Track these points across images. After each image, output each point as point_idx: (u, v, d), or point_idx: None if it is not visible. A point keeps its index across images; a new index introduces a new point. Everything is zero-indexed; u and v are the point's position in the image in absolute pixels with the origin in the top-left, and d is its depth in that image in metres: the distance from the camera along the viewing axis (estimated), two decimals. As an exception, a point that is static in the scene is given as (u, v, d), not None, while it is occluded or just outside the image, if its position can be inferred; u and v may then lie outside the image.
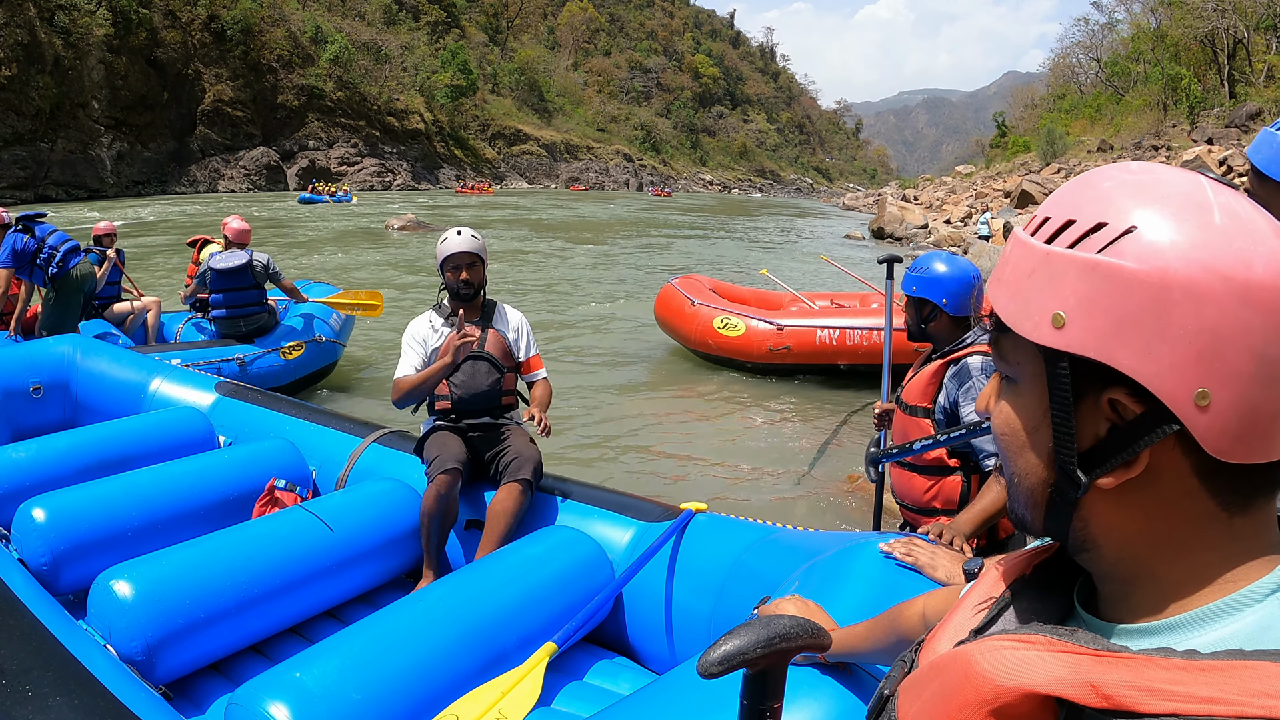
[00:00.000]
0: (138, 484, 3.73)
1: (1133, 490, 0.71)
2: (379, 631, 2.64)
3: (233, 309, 8.04)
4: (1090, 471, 0.71)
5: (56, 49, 50.70)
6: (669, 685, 2.06)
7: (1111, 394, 0.69)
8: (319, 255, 22.79)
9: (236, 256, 8.00)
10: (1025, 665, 0.66)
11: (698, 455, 7.66)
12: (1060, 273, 0.70)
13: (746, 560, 2.97)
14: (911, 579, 2.16)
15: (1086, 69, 77.44)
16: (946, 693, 0.72)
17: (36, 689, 2.22)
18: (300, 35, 77.24)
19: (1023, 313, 0.73)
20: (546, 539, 3.36)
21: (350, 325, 9.48)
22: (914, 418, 3.34)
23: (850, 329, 9.80)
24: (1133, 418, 0.68)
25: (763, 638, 0.94)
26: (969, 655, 0.71)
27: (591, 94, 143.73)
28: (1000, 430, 0.80)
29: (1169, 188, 0.69)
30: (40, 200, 45.61)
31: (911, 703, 0.78)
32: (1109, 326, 0.67)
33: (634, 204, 63.25)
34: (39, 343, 5.61)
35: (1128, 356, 0.67)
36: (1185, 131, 44.69)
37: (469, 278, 4.05)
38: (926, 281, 3.29)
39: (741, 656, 0.93)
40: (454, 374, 3.99)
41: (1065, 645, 0.66)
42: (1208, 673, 0.60)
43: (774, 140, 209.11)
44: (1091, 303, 0.68)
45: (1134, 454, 0.69)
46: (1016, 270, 0.75)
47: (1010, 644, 0.69)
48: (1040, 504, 0.77)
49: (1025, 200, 27.95)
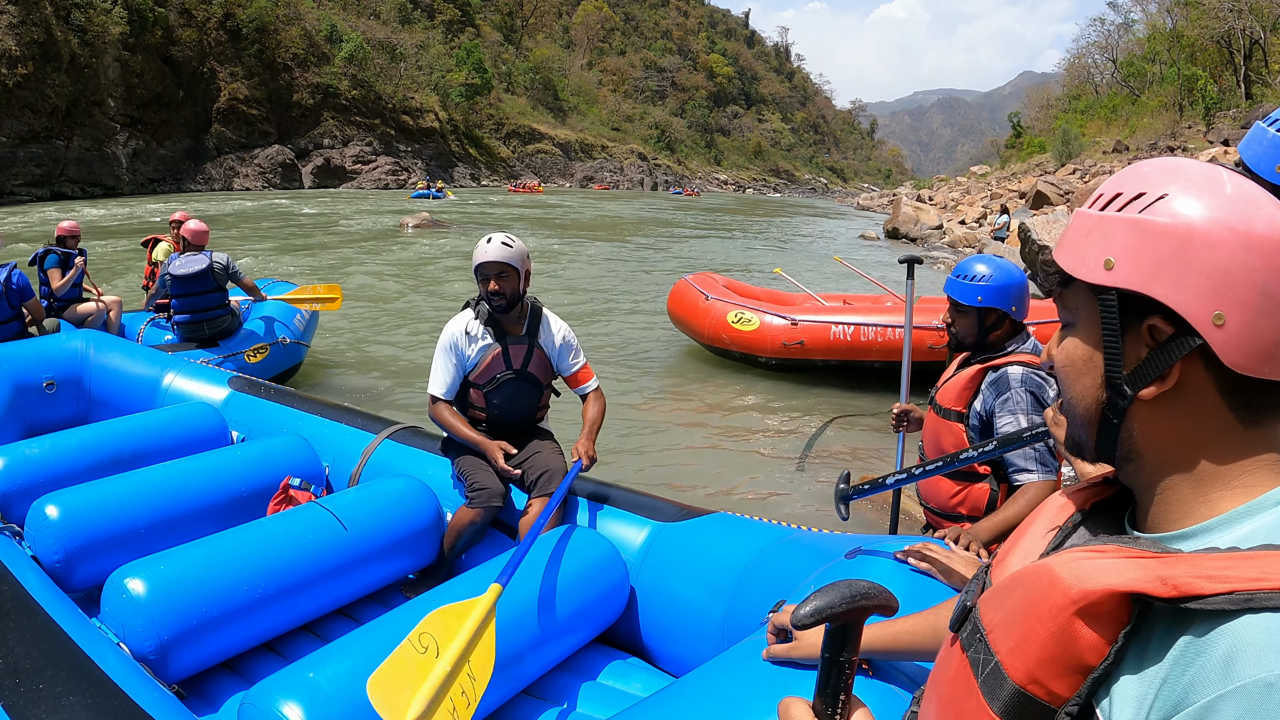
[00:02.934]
0: (151, 481, 3.72)
1: (1168, 403, 0.91)
2: (391, 632, 2.62)
3: (195, 313, 7.86)
4: (1134, 385, 0.92)
5: (72, 47, 50.94)
6: (687, 688, 2.04)
7: (1150, 321, 0.89)
8: (331, 254, 22.81)
9: (196, 261, 7.81)
10: (1104, 570, 0.82)
11: (711, 453, 7.65)
12: (1110, 229, 0.92)
13: (762, 562, 2.95)
14: (927, 583, 2.15)
15: (1102, 69, 77.19)
16: (1033, 599, 0.87)
17: (50, 687, 2.21)
18: (315, 34, 77.50)
19: (1080, 262, 0.94)
20: (560, 538, 3.33)
21: (314, 325, 9.37)
22: (946, 421, 3.28)
23: (865, 325, 9.76)
24: (1165, 339, 0.89)
25: (847, 595, 1.07)
26: (1050, 567, 0.87)
27: (606, 93, 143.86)
28: (1061, 363, 1.01)
29: (1192, 169, 0.91)
30: (56, 198, 45.86)
31: (996, 610, 0.93)
32: (1148, 266, 0.88)
33: (655, 204, 63.21)
34: (52, 338, 5.61)
35: (1161, 288, 0.87)
36: (1201, 133, 44.51)
37: (499, 289, 3.75)
38: (994, 290, 3.20)
39: (830, 610, 1.06)
40: (494, 392, 3.87)
41: (1132, 551, 0.84)
42: (1250, 560, 0.77)
43: (788, 140, 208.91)
44: (1135, 249, 0.89)
45: (1168, 365, 0.88)
46: (1076, 233, 0.96)
47: (1086, 554, 0.85)
48: (1094, 421, 0.97)
49: (1040, 201, 27.73)
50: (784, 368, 10.19)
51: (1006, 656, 0.88)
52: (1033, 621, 0.86)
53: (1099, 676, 0.82)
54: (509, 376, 3.86)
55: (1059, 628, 0.83)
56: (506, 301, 3.81)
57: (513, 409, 3.92)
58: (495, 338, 3.87)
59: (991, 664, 0.90)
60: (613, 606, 3.28)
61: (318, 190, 65.09)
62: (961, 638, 0.99)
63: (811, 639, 1.82)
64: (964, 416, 3.24)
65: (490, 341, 3.86)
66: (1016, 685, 0.87)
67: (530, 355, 3.91)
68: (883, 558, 2.27)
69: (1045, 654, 0.84)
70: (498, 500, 3.62)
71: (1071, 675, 0.84)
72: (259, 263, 20.12)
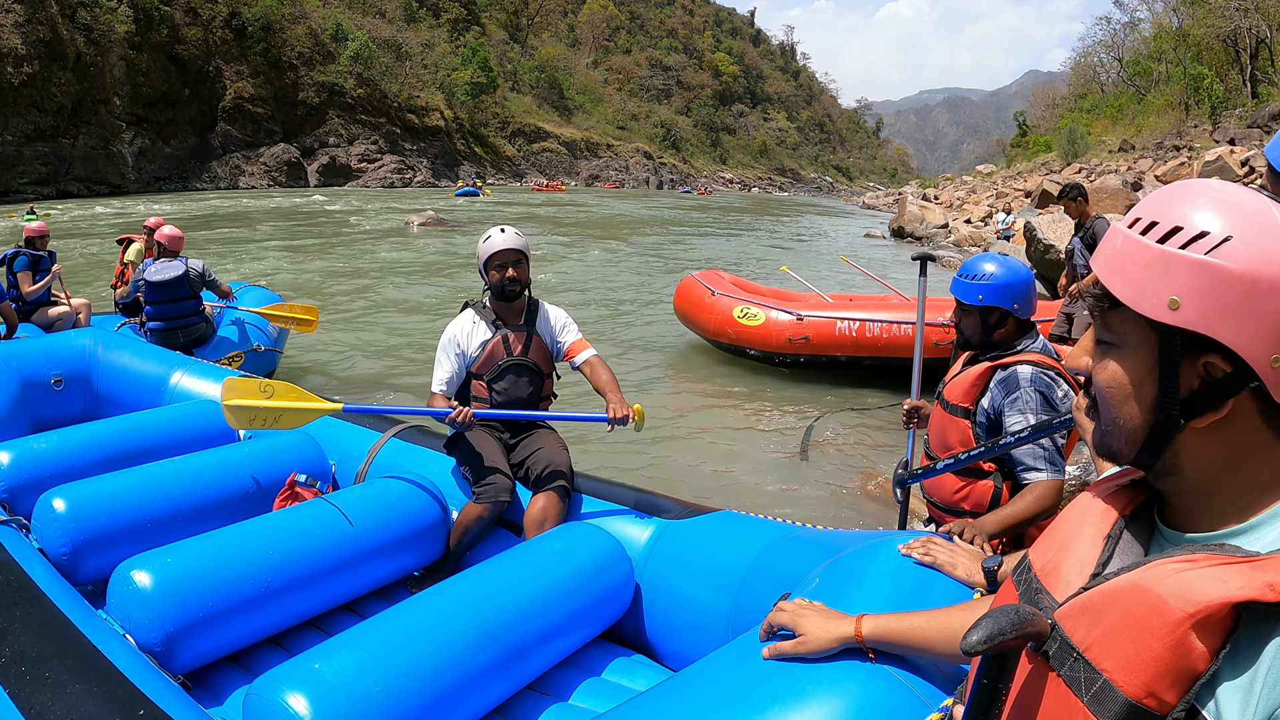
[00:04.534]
0: (158, 475, 3.73)
1: (1215, 429, 0.95)
2: (398, 625, 2.63)
3: (170, 320, 7.66)
4: (1186, 415, 0.96)
5: (78, 46, 51.10)
6: (684, 682, 2.04)
7: (1207, 359, 0.93)
8: (335, 252, 22.83)
9: (172, 268, 7.66)
10: (1213, 581, 0.86)
11: (716, 450, 7.65)
12: (1174, 267, 0.93)
13: (766, 559, 2.95)
14: (933, 578, 2.14)
15: (1108, 68, 76.92)
16: (1139, 616, 0.90)
17: (55, 676, 2.22)
18: (321, 32, 77.67)
19: (1141, 295, 0.95)
20: (565, 535, 3.34)
21: (285, 334, 9.16)
22: (953, 417, 3.28)
23: (870, 321, 9.74)
24: (1221, 375, 0.93)
25: (1016, 620, 1.02)
26: (1148, 583, 0.91)
27: (611, 92, 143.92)
28: (1106, 384, 1.02)
29: (1249, 204, 0.93)
30: (62, 196, 45.92)
31: (1090, 628, 0.96)
32: (1215, 309, 0.90)
33: (666, 202, 63.22)
34: (61, 335, 5.63)
35: (1226, 331, 0.90)
36: (1207, 132, 44.26)
37: (516, 275, 3.90)
38: (995, 289, 3.19)
39: (1002, 637, 1.01)
40: (496, 380, 3.93)
41: (1223, 558, 0.88)
42: None
43: (794, 139, 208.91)
44: (1202, 292, 0.91)
45: (1223, 401, 0.93)
46: (1131, 262, 0.97)
47: (1181, 565, 0.90)
48: (1138, 441, 1.00)
49: (1046, 200, 27.67)
50: (790, 364, 10.17)
51: (1117, 673, 0.91)
52: (1145, 638, 0.89)
53: (1205, 680, 0.86)
54: (510, 363, 3.93)
55: (1175, 641, 0.87)
56: (521, 287, 3.95)
57: (515, 397, 3.95)
58: (495, 329, 3.97)
59: (1099, 681, 0.93)
60: (618, 603, 3.28)
61: (323, 189, 65.08)
62: (1048, 656, 1.01)
63: (821, 635, 1.80)
64: (970, 413, 3.23)
65: (490, 334, 3.96)
66: (1131, 700, 0.90)
67: (530, 342, 3.99)
68: (888, 553, 2.26)
69: (1161, 667, 0.88)
70: (504, 496, 3.63)
71: (1182, 683, 0.87)
72: (258, 260, 20.12)
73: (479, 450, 3.78)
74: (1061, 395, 3.07)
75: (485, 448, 3.79)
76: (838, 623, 1.81)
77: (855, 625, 1.78)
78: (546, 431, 4.01)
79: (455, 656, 2.63)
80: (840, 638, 1.78)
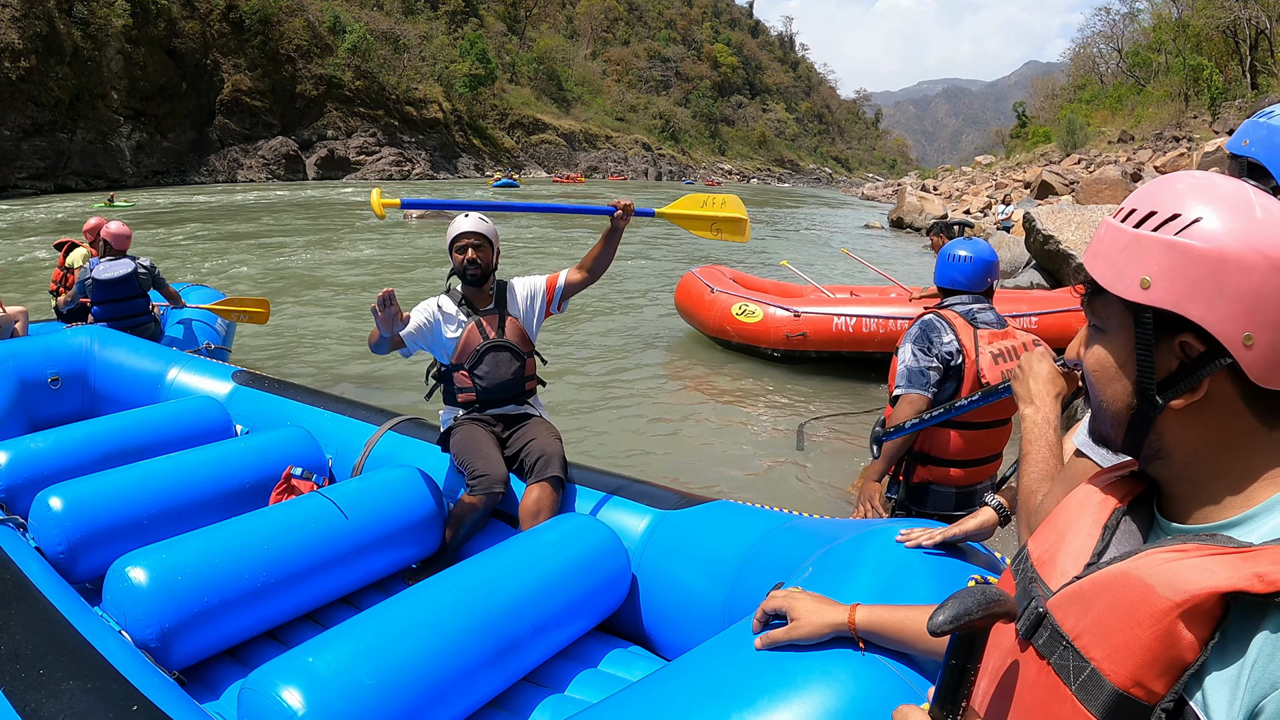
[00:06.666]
0: (154, 472, 3.73)
1: (1195, 411, 0.97)
2: (392, 617, 2.63)
3: (117, 320, 7.36)
4: (1165, 395, 0.98)
5: (75, 40, 50.98)
6: (676, 672, 2.04)
7: (1182, 338, 0.95)
8: (332, 245, 22.81)
9: (120, 265, 7.54)
10: (1202, 571, 0.85)
11: (714, 443, 7.66)
12: (1146, 249, 0.96)
13: (762, 548, 2.94)
14: (927, 564, 2.13)
15: (1108, 59, 76.69)
16: (1128, 605, 0.90)
17: (51, 673, 2.22)
18: (319, 25, 77.49)
19: (1117, 277, 0.99)
20: (562, 526, 3.34)
21: (233, 331, 8.97)
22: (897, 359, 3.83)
23: (867, 317, 9.76)
24: (1196, 355, 0.95)
25: (982, 601, 1.05)
26: (1139, 573, 0.90)
27: (610, 83, 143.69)
28: (1092, 368, 1.06)
29: (1224, 189, 0.96)
30: (60, 190, 45.88)
31: (1080, 616, 0.96)
32: (1184, 288, 0.93)
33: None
34: (57, 334, 5.61)
35: (1196, 309, 0.93)
36: (1207, 123, 44.21)
37: (475, 258, 3.99)
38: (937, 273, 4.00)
39: (968, 616, 1.04)
40: (477, 366, 3.97)
41: (1213, 549, 0.88)
42: None
43: (793, 130, 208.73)
44: (1171, 270, 0.94)
45: (1198, 381, 0.95)
46: (1110, 247, 1.01)
47: (1171, 555, 0.90)
48: (1123, 424, 1.03)
49: (1045, 191, 27.61)
50: (788, 359, 10.19)
51: (1104, 662, 0.91)
52: (1132, 627, 0.89)
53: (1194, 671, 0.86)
54: (487, 346, 3.98)
55: (1163, 630, 0.87)
56: (481, 271, 4.03)
57: (498, 380, 3.99)
58: (469, 315, 4.04)
59: (1087, 670, 0.93)
60: (614, 594, 3.28)
61: (321, 181, 64.99)
62: (1037, 645, 1.02)
63: (814, 619, 1.81)
64: None
65: (464, 319, 4.03)
66: (1118, 689, 0.90)
67: (503, 324, 4.05)
68: (883, 541, 2.26)
69: (1149, 656, 0.88)
70: (499, 487, 3.64)
71: (1170, 673, 0.87)
72: (259, 258, 20.10)
73: (473, 442, 3.80)
74: (946, 341, 3.58)
75: (479, 440, 3.80)
76: (831, 609, 1.82)
77: (849, 614, 1.78)
78: (539, 422, 4.02)
79: (451, 648, 2.63)
80: (833, 624, 1.79)
